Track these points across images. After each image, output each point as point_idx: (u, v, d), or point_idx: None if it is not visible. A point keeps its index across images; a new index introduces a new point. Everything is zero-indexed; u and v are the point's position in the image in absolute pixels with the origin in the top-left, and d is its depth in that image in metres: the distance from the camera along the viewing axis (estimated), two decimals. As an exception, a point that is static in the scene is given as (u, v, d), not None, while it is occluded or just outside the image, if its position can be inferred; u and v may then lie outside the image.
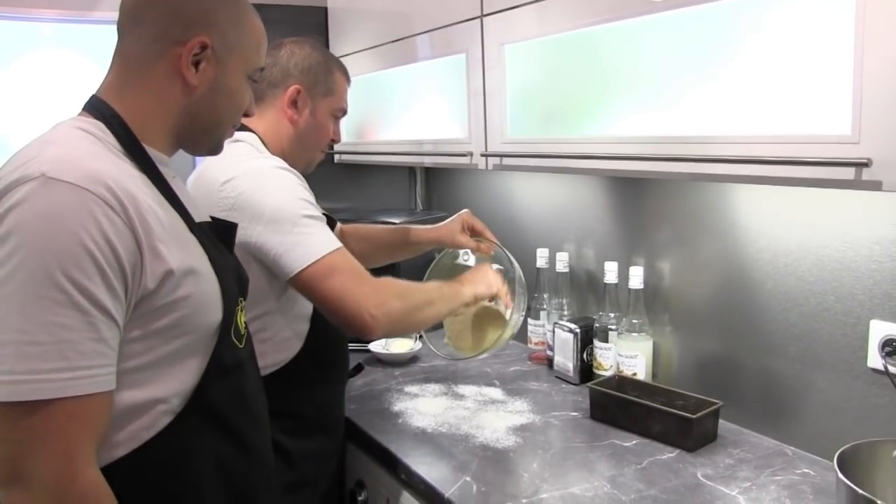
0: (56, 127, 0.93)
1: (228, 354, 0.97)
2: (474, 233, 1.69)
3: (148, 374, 0.88)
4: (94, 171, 0.83)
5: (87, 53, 2.38)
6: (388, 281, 1.34)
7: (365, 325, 1.25)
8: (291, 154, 1.43)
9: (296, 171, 1.34)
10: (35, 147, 0.87)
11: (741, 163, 1.08)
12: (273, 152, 1.40)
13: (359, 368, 1.69)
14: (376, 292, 1.28)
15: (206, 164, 1.33)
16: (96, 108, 0.94)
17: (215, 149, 1.05)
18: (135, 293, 0.84)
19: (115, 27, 0.97)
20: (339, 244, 1.28)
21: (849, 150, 0.94)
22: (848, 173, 0.94)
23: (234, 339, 0.99)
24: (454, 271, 1.73)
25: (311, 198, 1.31)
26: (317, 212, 1.30)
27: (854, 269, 1.29)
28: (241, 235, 1.23)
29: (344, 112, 1.53)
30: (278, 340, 1.35)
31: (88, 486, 0.82)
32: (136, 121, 0.94)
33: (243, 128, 1.36)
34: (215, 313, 0.95)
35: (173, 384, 0.90)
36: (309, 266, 1.24)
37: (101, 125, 0.92)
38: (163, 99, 0.95)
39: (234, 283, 1.01)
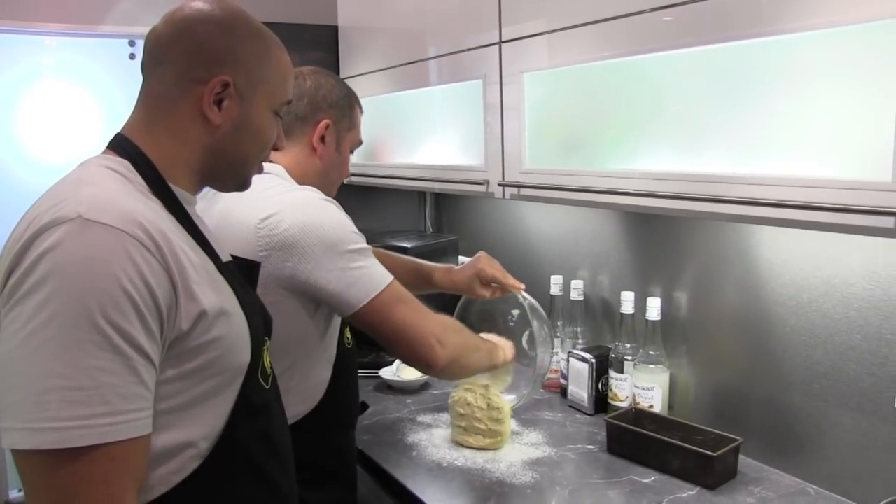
0: (83, 165, 0.91)
1: (256, 395, 0.96)
2: (494, 281, 1.65)
3: (178, 416, 0.86)
4: (129, 211, 0.82)
5: (88, 84, 2.36)
6: (444, 315, 1.37)
7: (433, 353, 1.28)
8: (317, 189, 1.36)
9: (335, 201, 1.30)
10: (67, 187, 0.85)
11: (772, 206, 1.05)
12: None
13: (364, 407, 1.66)
14: (439, 323, 1.32)
15: (230, 200, 1.26)
16: (122, 146, 0.93)
17: (243, 185, 1.04)
18: (169, 334, 0.83)
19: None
20: (391, 275, 1.28)
21: (890, 199, 0.91)
22: (888, 222, 0.92)
23: (260, 379, 0.97)
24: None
25: (355, 227, 1.28)
26: (365, 242, 1.28)
27: (881, 308, 1.27)
28: (288, 273, 1.20)
29: (360, 145, 1.50)
30: (303, 389, 1.31)
31: None
32: (162, 160, 0.93)
33: None
34: (245, 354, 0.93)
35: (202, 427, 0.89)
36: (373, 298, 1.24)
37: (128, 164, 0.91)
38: (187, 139, 0.94)
39: (260, 322, 0.99)
